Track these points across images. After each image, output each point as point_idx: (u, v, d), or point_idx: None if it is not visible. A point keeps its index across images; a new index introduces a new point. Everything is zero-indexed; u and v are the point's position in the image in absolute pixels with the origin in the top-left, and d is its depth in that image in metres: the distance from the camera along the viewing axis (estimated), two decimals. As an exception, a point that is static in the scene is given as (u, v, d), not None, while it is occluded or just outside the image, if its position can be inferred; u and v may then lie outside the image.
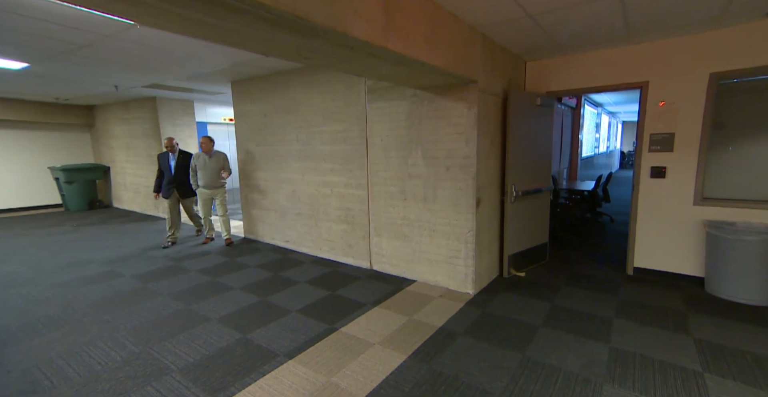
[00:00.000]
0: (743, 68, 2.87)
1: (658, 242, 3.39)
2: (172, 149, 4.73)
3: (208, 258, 4.32)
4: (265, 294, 3.23)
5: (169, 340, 2.46)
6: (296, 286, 3.42)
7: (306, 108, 4.21)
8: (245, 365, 2.16)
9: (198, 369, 2.13)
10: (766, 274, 2.78)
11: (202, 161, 4.61)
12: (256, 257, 4.33)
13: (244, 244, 4.96)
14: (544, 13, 2.48)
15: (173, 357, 2.26)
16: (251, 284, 3.47)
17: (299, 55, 2.02)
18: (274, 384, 1.97)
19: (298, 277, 3.65)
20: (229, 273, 3.79)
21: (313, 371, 2.09)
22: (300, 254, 4.44)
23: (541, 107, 3.61)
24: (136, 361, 2.22)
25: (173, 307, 2.98)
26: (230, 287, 3.42)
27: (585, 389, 1.88)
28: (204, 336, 2.51)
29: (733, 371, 2.01)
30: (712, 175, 3.15)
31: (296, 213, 4.51)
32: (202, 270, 3.90)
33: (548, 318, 2.66)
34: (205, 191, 4.70)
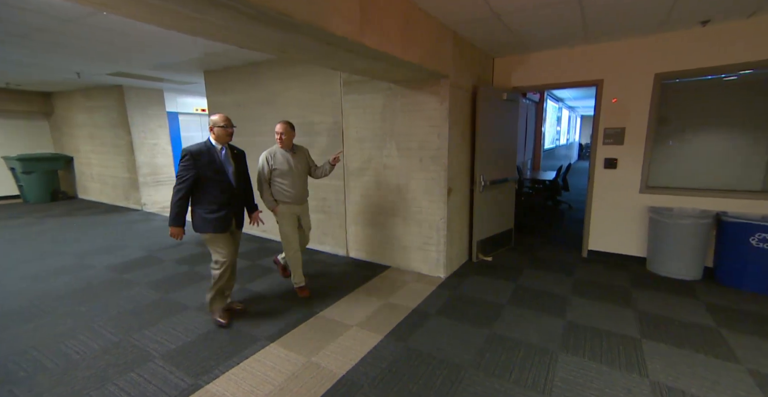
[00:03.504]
0: (682, 70, 3.19)
1: (609, 226, 3.73)
2: (226, 139, 2.42)
3: (183, 248, 4.27)
4: (244, 282, 3.27)
5: (149, 328, 2.48)
6: (274, 273, 3.48)
7: (282, 100, 4.20)
8: (227, 349, 2.24)
9: (180, 355, 2.18)
10: (696, 253, 3.17)
11: (283, 162, 2.80)
12: None
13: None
14: (511, 13, 2.64)
15: (155, 344, 2.29)
16: (230, 274, 3.50)
17: (280, 50, 2.06)
18: (257, 366, 2.07)
19: (275, 265, 3.71)
20: (207, 263, 3.78)
21: (294, 352, 2.20)
22: (277, 243, 4.47)
23: (507, 102, 3.82)
24: (116, 349, 2.23)
25: (151, 296, 2.97)
26: (208, 275, 3.42)
27: (543, 358, 2.12)
28: (184, 324, 2.54)
29: (665, 336, 2.32)
30: (655, 166, 3.50)
31: (273, 204, 4.52)
32: (178, 260, 3.87)
33: (512, 297, 2.91)
34: (293, 208, 2.90)
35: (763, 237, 2.85)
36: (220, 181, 2.37)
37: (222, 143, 2.41)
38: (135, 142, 6.41)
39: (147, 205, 6.66)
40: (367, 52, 2.15)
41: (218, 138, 2.38)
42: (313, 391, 1.85)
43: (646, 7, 2.56)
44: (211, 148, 2.38)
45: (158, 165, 6.82)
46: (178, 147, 7.34)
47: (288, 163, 2.82)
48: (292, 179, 2.84)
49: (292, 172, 2.84)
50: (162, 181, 6.93)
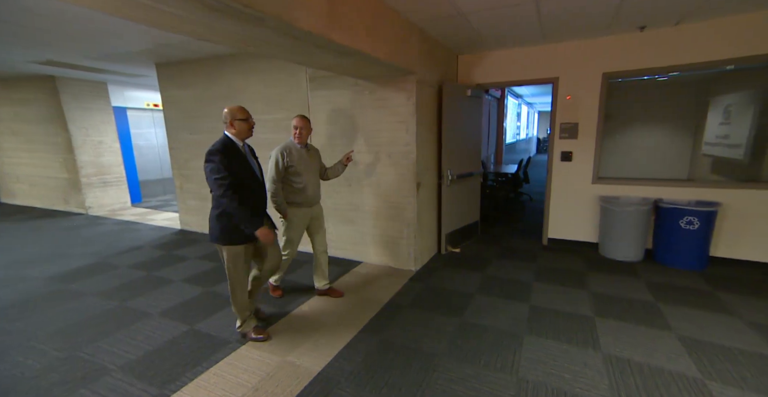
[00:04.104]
0: (625, 70, 3.47)
1: (566, 216, 4.01)
2: (248, 134, 2.14)
3: (140, 252, 4.00)
4: (211, 285, 3.14)
5: (103, 340, 2.31)
6: None
7: (245, 95, 4.03)
8: (195, 354, 2.14)
9: (142, 365, 2.06)
10: (639, 236, 3.50)
11: (299, 159, 2.55)
12: (197, 249, 4.12)
13: (181, 235, 4.66)
14: (474, 12, 2.72)
15: (111, 357, 2.14)
16: (194, 276, 3.34)
17: (243, 44, 1.97)
18: (229, 369, 2.00)
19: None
20: (168, 266, 3.58)
21: (268, 352, 2.15)
22: None
23: (471, 98, 3.94)
24: (62, 367, 2.05)
25: (104, 306, 2.76)
26: (170, 280, 3.25)
27: (511, 341, 2.25)
28: (145, 332, 2.40)
29: (614, 313, 2.55)
30: (605, 158, 3.80)
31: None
32: (134, 265, 3.62)
33: (481, 286, 3.04)
34: (306, 211, 2.66)
35: (689, 220, 3.22)
36: (251, 182, 2.10)
37: (242, 139, 2.11)
38: (75, 139, 5.82)
39: (93, 208, 6.11)
40: (335, 47, 2.13)
41: (240, 133, 2.07)
42: (289, 390, 1.84)
43: (593, 11, 2.76)
44: (235, 144, 2.06)
45: (105, 164, 6.27)
46: (127, 145, 6.79)
47: (304, 161, 2.56)
48: (308, 178, 2.58)
49: (309, 171, 2.59)
50: (111, 182, 6.39)
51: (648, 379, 1.87)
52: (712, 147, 3.49)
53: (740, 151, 3.36)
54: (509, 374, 1.93)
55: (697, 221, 3.19)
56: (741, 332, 2.28)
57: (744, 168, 3.35)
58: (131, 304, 2.79)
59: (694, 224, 3.20)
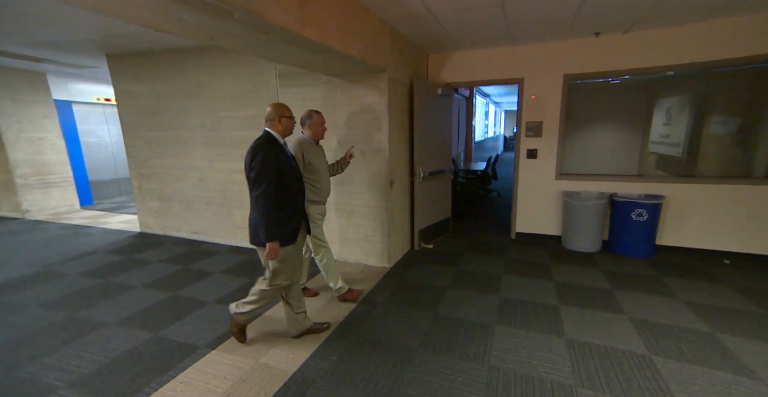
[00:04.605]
0: (583, 72, 3.70)
1: (532, 210, 4.21)
2: (291, 132, 2.13)
3: (92, 258, 3.72)
4: (176, 289, 3.00)
5: (50, 356, 2.13)
6: (211, 277, 3.25)
7: (211, 91, 3.86)
8: (160, 363, 2.04)
9: (97, 379, 1.92)
10: (597, 229, 3.76)
11: (316, 155, 2.51)
12: (159, 252, 3.90)
13: (141, 239, 4.39)
14: (444, 12, 2.77)
15: (59, 373, 1.97)
16: (157, 281, 3.17)
17: (209, 37, 1.89)
18: (197, 376, 1.93)
19: (212, 267, 3.46)
20: (127, 272, 3.37)
21: (240, 356, 2.10)
22: (212, 244, 4.17)
23: (441, 96, 4.03)
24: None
25: (50, 318, 2.55)
26: (130, 286, 3.06)
27: (482, 331, 2.34)
28: (100, 343, 2.25)
29: (576, 301, 2.73)
30: (566, 155, 4.03)
31: (205, 202, 4.18)
32: (86, 272, 3.36)
33: (453, 281, 3.13)
34: (322, 208, 2.64)
35: (639, 212, 3.50)
36: (293, 181, 2.04)
37: (284, 136, 2.07)
38: (6, 135, 5.26)
39: (31, 212, 5.58)
40: (307, 43, 2.09)
41: (285, 131, 2.05)
42: (263, 392, 1.80)
43: (554, 17, 2.90)
44: (278, 141, 2.02)
45: (47, 163, 5.73)
46: (74, 142, 6.24)
47: (319, 157, 2.53)
48: (324, 175, 2.57)
49: (323, 167, 2.57)
50: (54, 183, 5.84)
51: (605, 359, 2.02)
52: (657, 145, 3.81)
53: (679, 149, 3.69)
54: (481, 363, 2.01)
55: (646, 213, 3.48)
56: (680, 311, 2.54)
57: (682, 165, 3.69)
58: (83, 314, 2.60)
59: (643, 215, 3.49)
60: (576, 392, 1.78)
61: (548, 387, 1.81)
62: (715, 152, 3.57)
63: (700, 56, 3.28)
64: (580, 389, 1.80)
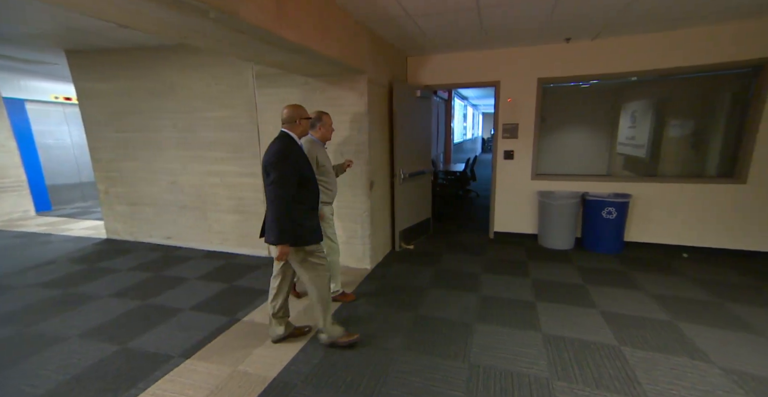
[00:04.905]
0: (555, 76, 3.85)
1: (509, 210, 4.33)
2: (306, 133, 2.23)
3: (51, 268, 3.51)
4: (147, 297, 2.88)
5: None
6: (186, 283, 3.14)
7: (184, 91, 3.74)
8: (128, 375, 1.95)
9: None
10: (570, 227, 3.91)
11: (326, 158, 2.52)
12: (128, 259, 3.73)
13: (107, 245, 4.18)
14: (422, 15, 2.82)
15: (12, 393, 1.83)
16: (126, 289, 3.03)
17: (181, 36, 1.83)
18: (171, 387, 1.86)
19: (187, 273, 3.35)
20: (92, 281, 3.20)
21: (216, 364, 2.04)
22: (187, 249, 4.03)
23: (421, 98, 4.08)
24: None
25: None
26: (95, 296, 2.91)
27: (462, 330, 2.37)
28: (59, 359, 2.10)
29: (551, 296, 2.82)
30: (541, 156, 4.18)
31: (179, 206, 4.03)
32: (44, 284, 3.17)
33: (434, 281, 3.17)
34: (331, 208, 2.67)
35: (609, 210, 3.68)
36: (311, 181, 2.06)
37: (301, 137, 2.11)
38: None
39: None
40: (284, 44, 2.07)
41: (303, 132, 2.10)
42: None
43: (527, 22, 3.01)
44: (297, 143, 2.04)
45: (-5, 167, 5.33)
46: (28, 143, 5.82)
47: (329, 159, 2.55)
48: (333, 176, 2.59)
49: (332, 169, 2.59)
50: (6, 188, 5.46)
51: (578, 351, 2.11)
52: (623, 147, 4.02)
53: (643, 150, 3.91)
54: (462, 361, 2.05)
55: (615, 211, 3.65)
56: (646, 303, 2.68)
57: (646, 165, 3.91)
58: (40, 328, 2.43)
59: (612, 214, 3.66)
60: (551, 385, 1.84)
61: (526, 381, 1.87)
62: (674, 153, 3.81)
63: (659, 63, 3.49)
64: (556, 381, 1.87)
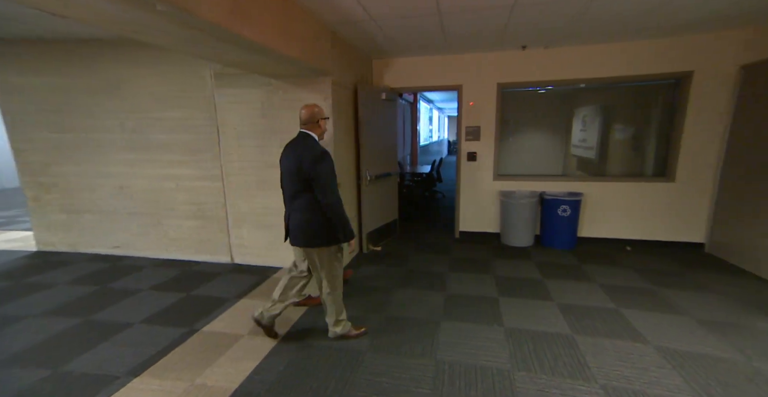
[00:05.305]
0: (513, 82, 4.05)
1: (473, 210, 4.48)
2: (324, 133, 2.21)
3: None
4: (90, 312, 2.64)
5: None
6: (137, 295, 2.93)
7: (131, 90, 3.49)
8: (70, 400, 1.77)
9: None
10: (530, 225, 4.11)
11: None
12: (66, 272, 3.41)
13: (38, 259, 3.79)
14: (385, 19, 2.85)
15: None
16: (64, 305, 2.77)
17: (130, 30, 1.71)
18: (121, 408, 1.72)
19: (137, 285, 3.12)
20: (18, 299, 2.88)
21: (171, 379, 1.91)
22: (138, 258, 3.76)
23: (386, 101, 4.12)
24: None
25: None
26: (22, 315, 2.62)
27: (429, 328, 2.41)
28: None
29: (513, 292, 2.95)
30: (502, 158, 4.36)
31: (128, 212, 3.75)
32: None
33: (401, 281, 3.19)
34: None
35: (564, 208, 3.92)
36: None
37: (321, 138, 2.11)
38: None
39: None
40: (243, 43, 2.00)
41: (323, 132, 2.11)
42: (203, 416, 1.66)
43: (485, 29, 3.14)
44: (318, 142, 2.05)
45: None
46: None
47: None
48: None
49: None
50: None
51: (537, 343, 2.21)
52: (576, 149, 4.30)
53: (593, 152, 4.21)
54: (429, 358, 2.08)
55: (569, 209, 3.90)
56: (595, 293, 2.89)
57: (596, 165, 4.22)
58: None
59: (567, 211, 3.90)
60: (512, 376, 1.92)
61: (489, 374, 1.93)
62: (619, 155, 4.14)
63: (602, 72, 3.79)
64: (516, 372, 1.95)
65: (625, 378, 1.89)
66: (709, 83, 3.55)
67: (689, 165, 3.76)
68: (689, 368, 1.96)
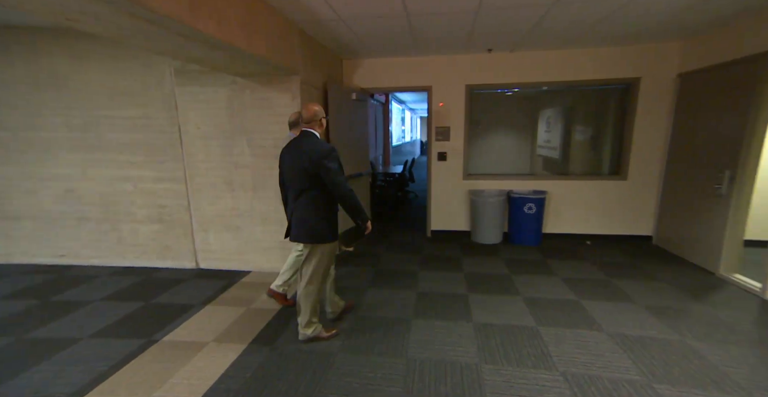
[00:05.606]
0: (480, 84, 4.17)
1: (444, 209, 4.56)
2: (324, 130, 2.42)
3: None
4: (28, 330, 2.42)
5: None
6: (86, 307, 2.74)
7: (79, 84, 3.26)
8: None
9: None
10: (498, 222, 4.25)
11: None
12: (0, 286, 3.12)
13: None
14: (353, 18, 2.84)
15: None
16: (-4, 323, 2.51)
17: (75, 21, 1.59)
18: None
19: (88, 296, 2.92)
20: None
21: (123, 396, 1.79)
22: (89, 268, 3.51)
23: (357, 101, 4.11)
24: None
25: None
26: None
27: (401, 327, 2.43)
28: None
29: (482, 288, 3.03)
30: (472, 157, 4.48)
31: (77, 218, 3.49)
32: None
33: (373, 281, 3.19)
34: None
35: (530, 206, 4.09)
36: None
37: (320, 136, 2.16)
38: None
39: None
40: (203, 38, 1.92)
41: (324, 131, 2.19)
42: (162, 430, 1.58)
43: (452, 32, 3.22)
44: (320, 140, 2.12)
45: None
46: None
47: None
48: None
49: None
50: None
51: (504, 336, 2.29)
52: (542, 149, 4.50)
53: (557, 152, 4.43)
54: (400, 357, 2.09)
55: (534, 207, 4.07)
56: (558, 286, 3.03)
57: (559, 165, 4.43)
58: None
59: (533, 209, 4.07)
60: (480, 369, 1.97)
61: (458, 369, 1.97)
62: (580, 155, 4.38)
63: (564, 76, 3.99)
64: (484, 365, 2.00)
65: (582, 364, 1.99)
66: (653, 89, 3.85)
67: (639, 164, 4.05)
68: (637, 351, 2.12)
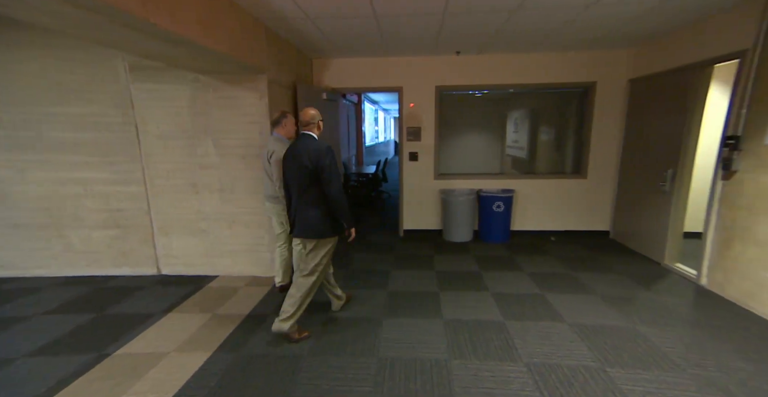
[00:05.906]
0: (449, 85, 4.26)
1: (416, 209, 4.61)
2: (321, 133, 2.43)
3: None
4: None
5: None
6: (24, 323, 2.53)
7: (14, 77, 3.00)
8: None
9: None
10: (468, 221, 4.35)
11: None
12: None
13: None
14: (321, 17, 2.80)
15: None
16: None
17: (7, 7, 1.45)
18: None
19: (27, 310, 2.70)
20: None
21: (80, 411, 1.67)
22: (29, 279, 3.26)
23: (327, 101, 4.07)
24: None
25: None
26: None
27: (372, 326, 2.42)
28: None
29: (453, 285, 3.08)
30: (442, 157, 4.56)
31: (12, 225, 3.21)
32: None
33: (346, 282, 3.17)
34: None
35: (498, 204, 4.22)
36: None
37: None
38: None
39: None
40: (156, 31, 1.82)
41: (321, 133, 2.31)
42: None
43: (420, 34, 3.26)
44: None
45: None
46: None
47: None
48: None
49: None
50: None
51: (473, 331, 2.34)
52: (510, 149, 4.66)
53: (524, 152, 4.60)
54: (371, 356, 2.09)
55: (503, 205, 4.20)
56: (524, 281, 3.15)
57: (526, 164, 4.61)
58: None
59: (501, 207, 4.20)
60: (449, 364, 2.00)
61: (427, 365, 2.00)
62: (545, 155, 4.57)
63: (528, 79, 4.16)
64: (453, 360, 2.04)
65: (544, 355, 2.08)
66: (608, 93, 4.10)
67: (597, 164, 4.29)
68: (593, 338, 2.24)
